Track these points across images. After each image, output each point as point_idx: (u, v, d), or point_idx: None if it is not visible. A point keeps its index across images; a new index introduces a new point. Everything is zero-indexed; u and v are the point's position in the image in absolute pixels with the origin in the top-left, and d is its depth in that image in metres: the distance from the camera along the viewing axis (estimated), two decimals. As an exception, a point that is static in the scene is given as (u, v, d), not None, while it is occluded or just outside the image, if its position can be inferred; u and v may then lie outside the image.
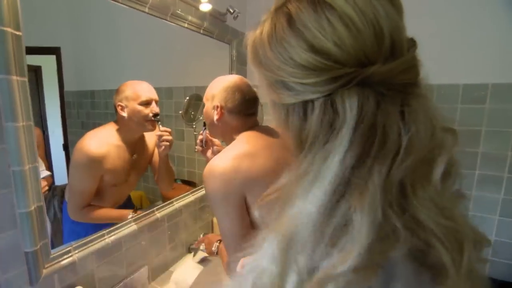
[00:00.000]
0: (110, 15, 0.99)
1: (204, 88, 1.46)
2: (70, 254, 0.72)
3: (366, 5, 0.26)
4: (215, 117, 0.81)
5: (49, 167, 0.86)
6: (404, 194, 0.26)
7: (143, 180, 1.16)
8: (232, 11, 1.21)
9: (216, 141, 1.03)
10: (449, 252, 0.25)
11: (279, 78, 0.30)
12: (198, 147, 1.00)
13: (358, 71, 0.26)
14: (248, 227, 0.69)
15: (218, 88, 0.82)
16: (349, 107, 0.26)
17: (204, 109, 0.86)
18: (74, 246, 0.74)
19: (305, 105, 0.29)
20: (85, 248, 0.76)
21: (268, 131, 0.82)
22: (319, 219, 0.26)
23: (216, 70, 1.46)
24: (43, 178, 0.82)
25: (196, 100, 1.45)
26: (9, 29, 0.54)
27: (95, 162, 0.88)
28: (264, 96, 0.36)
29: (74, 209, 0.91)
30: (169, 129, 1.01)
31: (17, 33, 0.56)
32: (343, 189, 0.26)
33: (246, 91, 0.82)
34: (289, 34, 0.28)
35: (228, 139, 0.84)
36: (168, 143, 1.00)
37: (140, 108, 0.95)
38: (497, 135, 1.16)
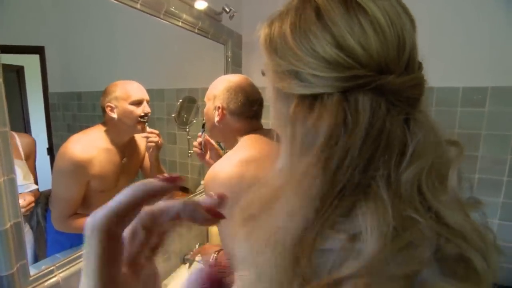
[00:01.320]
0: (99, 12, 0.96)
1: (197, 90, 1.43)
2: (53, 275, 0.65)
3: (396, 16, 0.28)
4: (216, 118, 0.77)
5: (33, 172, 0.80)
6: (425, 199, 0.26)
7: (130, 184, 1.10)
8: (228, 10, 1.16)
9: (215, 144, 0.98)
10: (479, 255, 0.25)
11: (293, 68, 0.29)
12: (196, 150, 0.95)
13: (377, 76, 0.27)
14: None
15: (221, 88, 0.78)
16: (363, 109, 0.27)
17: (205, 109, 0.82)
18: (57, 265, 0.66)
19: (316, 99, 0.29)
20: (70, 267, 0.69)
21: (273, 135, 0.78)
22: (319, 224, 0.26)
23: (210, 71, 1.41)
24: (31, 191, 0.76)
25: (189, 102, 1.39)
26: (-20, 23, 0.47)
27: (80, 167, 0.82)
28: (268, 85, 0.35)
29: (59, 218, 0.85)
30: (156, 131, 0.97)
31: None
32: (349, 191, 0.26)
33: (250, 92, 0.78)
34: (316, 26, 0.28)
35: (229, 142, 0.79)
36: (154, 144, 0.96)
37: (132, 108, 0.90)
38: (497, 139, 1.15)
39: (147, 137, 0.96)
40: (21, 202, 0.59)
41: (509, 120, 1.13)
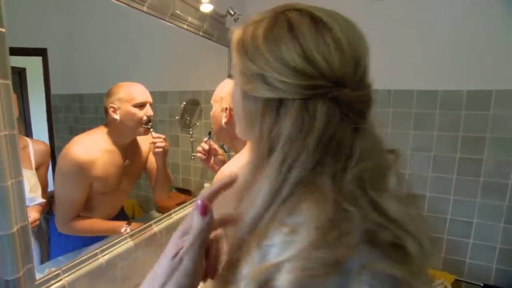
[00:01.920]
0: (101, 14, 0.96)
1: (200, 93, 1.43)
2: (59, 278, 0.64)
3: (355, 40, 0.32)
4: (224, 120, 0.76)
5: (44, 181, 0.80)
6: (369, 194, 0.30)
7: (135, 187, 1.11)
8: (232, 12, 1.16)
9: (220, 150, 0.98)
10: (415, 242, 0.28)
11: (262, 72, 0.32)
12: (201, 155, 0.94)
13: (335, 88, 0.31)
14: None
15: (228, 90, 0.78)
16: (320, 116, 0.30)
17: (212, 112, 0.81)
18: (63, 269, 0.66)
19: (281, 103, 0.32)
20: (76, 270, 0.68)
21: None
22: (274, 213, 0.30)
23: (213, 74, 1.41)
24: (37, 204, 0.75)
25: (192, 105, 1.39)
26: (-10, 25, 0.47)
27: (83, 169, 0.82)
28: (234, 87, 0.38)
29: (62, 221, 0.85)
30: (162, 136, 0.96)
31: (0, 29, 0.49)
32: (300, 186, 0.30)
33: None
34: (287, 36, 0.31)
35: (236, 145, 0.79)
36: (161, 150, 0.96)
37: (135, 110, 0.90)
38: (502, 142, 1.15)
39: (154, 143, 0.95)
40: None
41: (514, 123, 1.13)
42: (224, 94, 0.78)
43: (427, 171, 1.28)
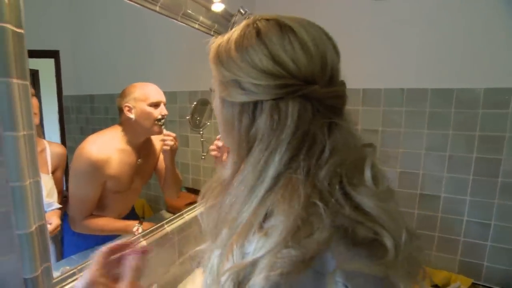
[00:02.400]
0: (113, 16, 0.97)
1: (210, 93, 1.43)
2: (74, 278, 0.65)
3: (320, 41, 0.34)
4: None
5: (60, 184, 0.82)
6: (344, 189, 0.30)
7: (145, 187, 1.11)
8: (243, 12, 1.15)
9: None
10: (390, 236, 0.28)
11: (235, 77, 0.34)
12: (215, 153, 0.94)
13: (304, 85, 0.32)
14: None
15: None
16: (291, 113, 0.32)
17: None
18: (78, 268, 0.66)
19: (255, 106, 0.34)
20: (91, 270, 0.68)
21: None
22: (252, 211, 0.31)
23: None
24: (53, 210, 0.75)
25: (202, 105, 1.39)
26: (9, 26, 0.48)
27: (97, 168, 0.83)
28: (215, 96, 0.40)
29: (76, 219, 0.86)
30: (173, 134, 0.97)
31: (19, 30, 0.50)
32: (275, 182, 0.32)
33: None
34: (255, 42, 0.34)
35: None
36: (169, 148, 0.96)
37: (150, 109, 0.91)
38: (522, 141, 1.11)
39: (164, 140, 0.96)
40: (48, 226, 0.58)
41: (535, 122, 1.09)
42: None
43: (441, 171, 1.25)
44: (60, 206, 0.77)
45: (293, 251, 0.27)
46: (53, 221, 0.70)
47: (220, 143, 0.94)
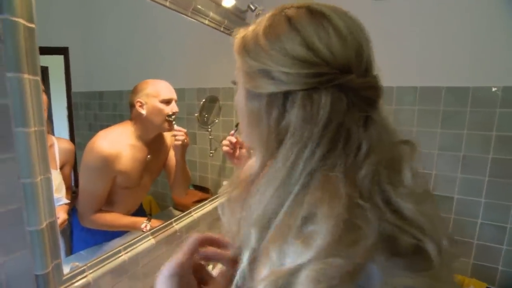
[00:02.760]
0: (121, 13, 0.97)
1: (218, 90, 1.42)
2: (84, 275, 0.65)
3: (355, 29, 0.32)
4: None
5: (68, 180, 0.82)
6: (384, 191, 0.28)
7: (152, 185, 1.11)
8: (253, 7, 1.13)
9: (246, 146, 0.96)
10: (434, 243, 0.26)
11: (263, 66, 0.32)
12: (227, 149, 0.93)
13: (340, 74, 0.30)
14: None
15: None
16: (325, 104, 0.30)
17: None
18: (88, 265, 0.66)
19: (286, 97, 0.31)
20: (101, 267, 0.69)
21: None
22: (288, 211, 0.29)
23: (232, 70, 1.39)
24: (60, 205, 0.76)
25: (210, 102, 1.38)
26: (21, 20, 0.47)
27: (108, 162, 0.84)
28: (239, 89, 0.38)
29: (85, 214, 0.87)
30: (184, 129, 0.97)
31: (30, 25, 0.49)
32: (310, 180, 0.29)
33: None
34: (286, 29, 0.31)
35: None
36: (180, 142, 0.96)
37: (161, 106, 0.91)
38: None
39: (175, 135, 0.96)
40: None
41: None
42: None
43: (455, 171, 1.21)
44: (68, 201, 0.77)
45: (340, 260, 0.24)
46: (60, 215, 0.71)
47: (233, 139, 0.93)
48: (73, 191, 0.86)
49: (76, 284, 0.62)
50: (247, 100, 0.36)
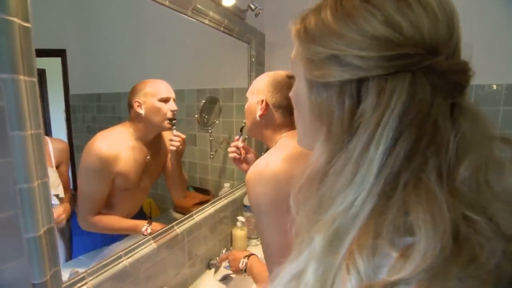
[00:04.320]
0: (119, 15, 0.96)
1: (218, 91, 1.40)
2: (84, 282, 0.62)
3: (445, 1, 0.27)
4: (259, 113, 0.73)
5: (66, 179, 0.81)
6: (482, 200, 0.23)
7: (152, 187, 1.10)
8: (253, 7, 1.12)
9: (252, 150, 0.95)
10: None
11: (333, 52, 0.28)
12: (235, 155, 0.91)
13: (427, 56, 0.25)
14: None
15: (265, 82, 0.75)
16: (409, 91, 0.25)
17: (246, 105, 0.79)
18: (88, 272, 0.64)
19: (360, 84, 0.27)
20: (101, 273, 0.66)
21: None
22: (370, 214, 0.25)
23: (232, 71, 1.38)
24: (57, 203, 0.75)
25: (210, 103, 1.36)
26: (16, 20, 0.45)
27: (107, 164, 0.82)
28: (297, 81, 0.34)
29: (84, 216, 0.85)
30: (183, 135, 0.95)
31: (26, 24, 0.47)
32: (395, 183, 0.25)
33: None
34: (360, 6, 0.27)
35: (269, 140, 0.76)
36: (174, 148, 0.95)
37: (160, 104, 0.90)
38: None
39: (171, 140, 0.95)
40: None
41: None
42: (262, 85, 0.75)
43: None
44: (63, 196, 0.77)
45: (453, 284, 0.20)
46: (57, 210, 0.70)
47: (240, 144, 0.91)
48: (72, 194, 0.85)
49: (76, 291, 0.60)
50: (310, 93, 0.31)
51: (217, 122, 1.37)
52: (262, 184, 0.60)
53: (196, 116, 1.28)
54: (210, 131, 1.34)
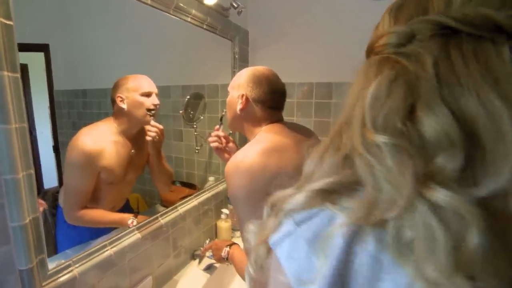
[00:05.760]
0: (103, 9, 0.96)
1: (203, 87, 1.43)
2: (70, 269, 0.65)
3: None
4: (239, 107, 0.77)
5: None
6: None
7: (139, 182, 1.11)
8: (236, 5, 1.15)
9: (232, 140, 0.99)
10: None
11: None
12: (217, 144, 0.94)
13: None
14: None
15: (245, 77, 0.78)
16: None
17: (228, 99, 0.83)
18: (74, 260, 0.67)
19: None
20: (87, 261, 0.69)
21: (295, 127, 0.79)
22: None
23: (216, 68, 1.41)
24: None
25: (195, 99, 1.39)
26: (-2, 18, 0.47)
27: (91, 158, 0.84)
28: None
29: (70, 211, 0.87)
30: (160, 126, 0.96)
31: (8, 22, 0.49)
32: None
33: (274, 82, 0.78)
34: None
35: (249, 133, 0.80)
36: (150, 138, 0.96)
37: (142, 99, 0.92)
38: None
39: (148, 130, 0.96)
40: None
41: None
42: (242, 80, 0.78)
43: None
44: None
45: None
46: None
47: (221, 133, 0.95)
48: (56, 192, 0.86)
49: (62, 279, 0.63)
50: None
51: (202, 117, 1.40)
52: (238, 175, 0.65)
53: (180, 111, 1.31)
54: (195, 126, 1.37)
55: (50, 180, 0.84)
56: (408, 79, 0.24)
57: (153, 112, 0.94)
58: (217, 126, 0.97)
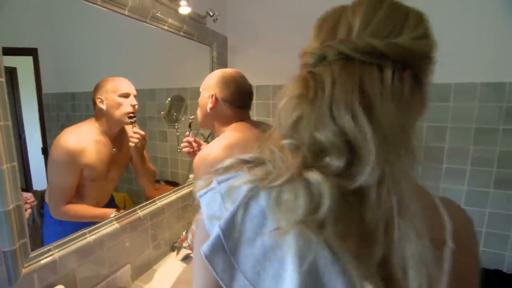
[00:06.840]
0: (91, 16, 0.96)
1: (186, 90, 1.50)
2: (50, 253, 0.72)
3: None
4: (209, 106, 0.84)
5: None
6: None
7: (126, 182, 1.16)
8: (211, 14, 1.24)
9: (203, 142, 1.06)
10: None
11: None
12: (188, 149, 1.01)
13: None
14: None
15: (215, 79, 0.86)
16: None
17: (199, 99, 0.89)
18: (54, 245, 0.74)
19: None
20: (66, 247, 0.76)
21: (257, 124, 0.87)
22: None
23: (197, 71, 1.48)
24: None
25: (178, 101, 1.46)
26: (-15, 30, 0.55)
27: (73, 156, 0.88)
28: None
29: (56, 206, 0.91)
30: (142, 132, 1.02)
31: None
32: None
33: (241, 83, 0.86)
34: None
35: (218, 130, 0.87)
36: (133, 145, 1.02)
37: (120, 100, 0.97)
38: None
39: (131, 137, 1.02)
40: None
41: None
42: (212, 82, 0.86)
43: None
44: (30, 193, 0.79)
45: None
46: None
47: (191, 138, 1.02)
48: (42, 193, 0.89)
49: (43, 261, 0.70)
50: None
51: (183, 119, 1.47)
52: (204, 167, 0.73)
53: (162, 113, 1.38)
54: (176, 127, 1.44)
55: (39, 181, 0.86)
56: (309, 97, 0.32)
57: (134, 119, 0.99)
58: (187, 133, 1.04)
